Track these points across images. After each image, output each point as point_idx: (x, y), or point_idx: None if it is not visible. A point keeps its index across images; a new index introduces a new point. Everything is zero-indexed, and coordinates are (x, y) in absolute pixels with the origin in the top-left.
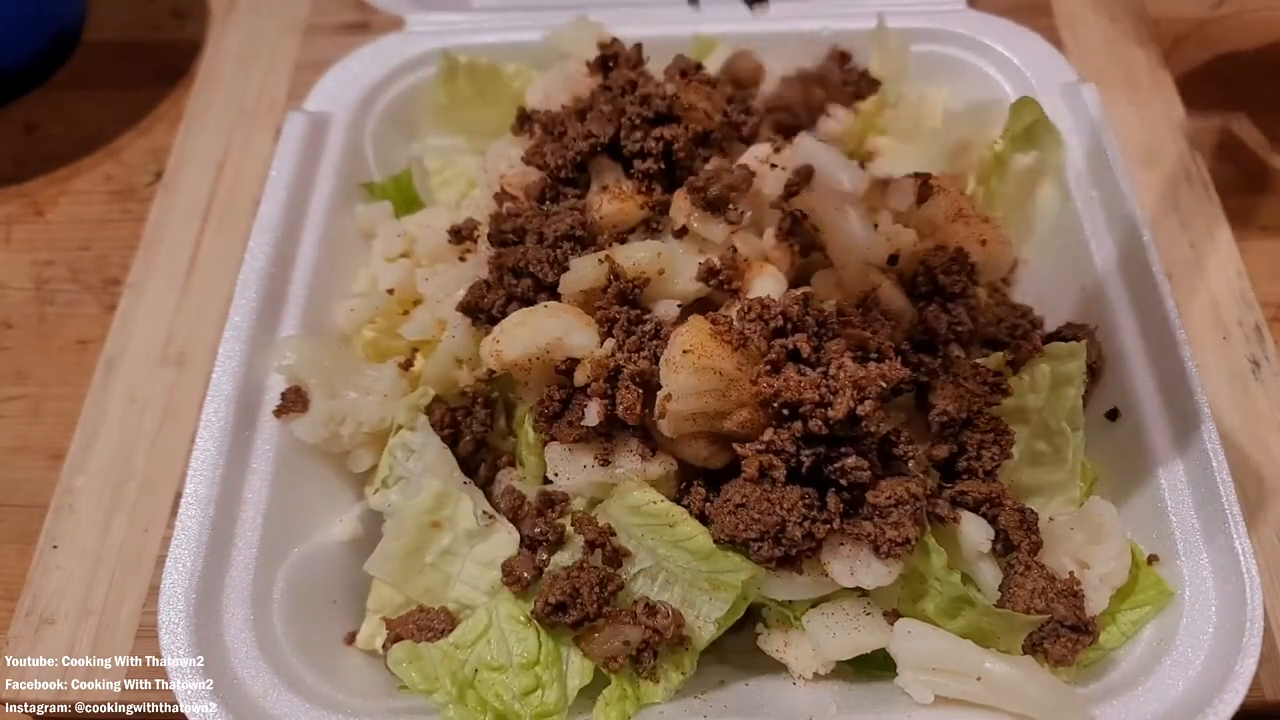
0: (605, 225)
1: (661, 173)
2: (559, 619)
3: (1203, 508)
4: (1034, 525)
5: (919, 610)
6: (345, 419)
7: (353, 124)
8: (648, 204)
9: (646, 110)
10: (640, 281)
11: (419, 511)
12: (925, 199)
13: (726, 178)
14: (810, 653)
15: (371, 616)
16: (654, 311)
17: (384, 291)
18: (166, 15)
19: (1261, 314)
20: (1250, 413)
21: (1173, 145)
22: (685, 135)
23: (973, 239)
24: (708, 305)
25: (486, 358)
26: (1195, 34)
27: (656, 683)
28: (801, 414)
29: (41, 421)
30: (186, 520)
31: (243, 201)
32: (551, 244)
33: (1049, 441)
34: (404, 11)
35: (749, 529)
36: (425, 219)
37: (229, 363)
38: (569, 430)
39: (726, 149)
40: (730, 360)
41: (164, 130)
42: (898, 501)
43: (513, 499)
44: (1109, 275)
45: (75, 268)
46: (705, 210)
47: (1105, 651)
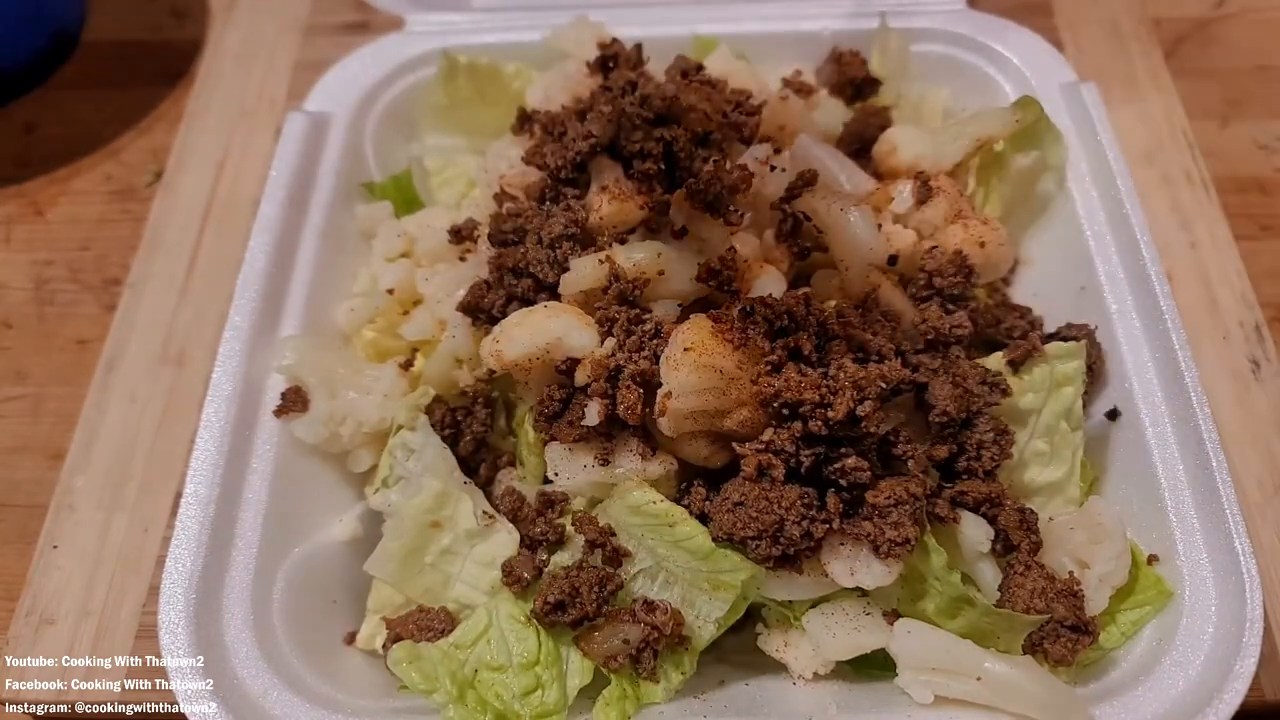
0: (605, 225)
1: (661, 173)
2: (558, 618)
3: (1203, 508)
4: (1034, 525)
5: (919, 610)
6: (345, 419)
7: (353, 124)
8: (647, 204)
9: (646, 111)
10: (640, 282)
11: (419, 511)
12: (925, 201)
13: (726, 179)
14: (810, 653)
15: (371, 616)
16: (654, 311)
17: (384, 291)
18: (166, 15)
19: (1261, 314)
20: (1250, 413)
21: (1173, 145)
22: (685, 136)
23: (971, 241)
24: (708, 305)
25: (486, 358)
26: (1195, 34)
27: (656, 683)
28: (801, 414)
29: (41, 421)
30: (186, 520)
31: (243, 201)
32: (551, 244)
33: (1049, 441)
34: (404, 11)
35: (747, 527)
36: (425, 219)
37: (229, 363)
38: (569, 430)
39: (726, 149)
40: (731, 358)
41: (164, 130)
42: (897, 501)
43: (513, 499)
44: (1108, 275)
45: (75, 268)
46: (705, 211)
47: (1105, 651)
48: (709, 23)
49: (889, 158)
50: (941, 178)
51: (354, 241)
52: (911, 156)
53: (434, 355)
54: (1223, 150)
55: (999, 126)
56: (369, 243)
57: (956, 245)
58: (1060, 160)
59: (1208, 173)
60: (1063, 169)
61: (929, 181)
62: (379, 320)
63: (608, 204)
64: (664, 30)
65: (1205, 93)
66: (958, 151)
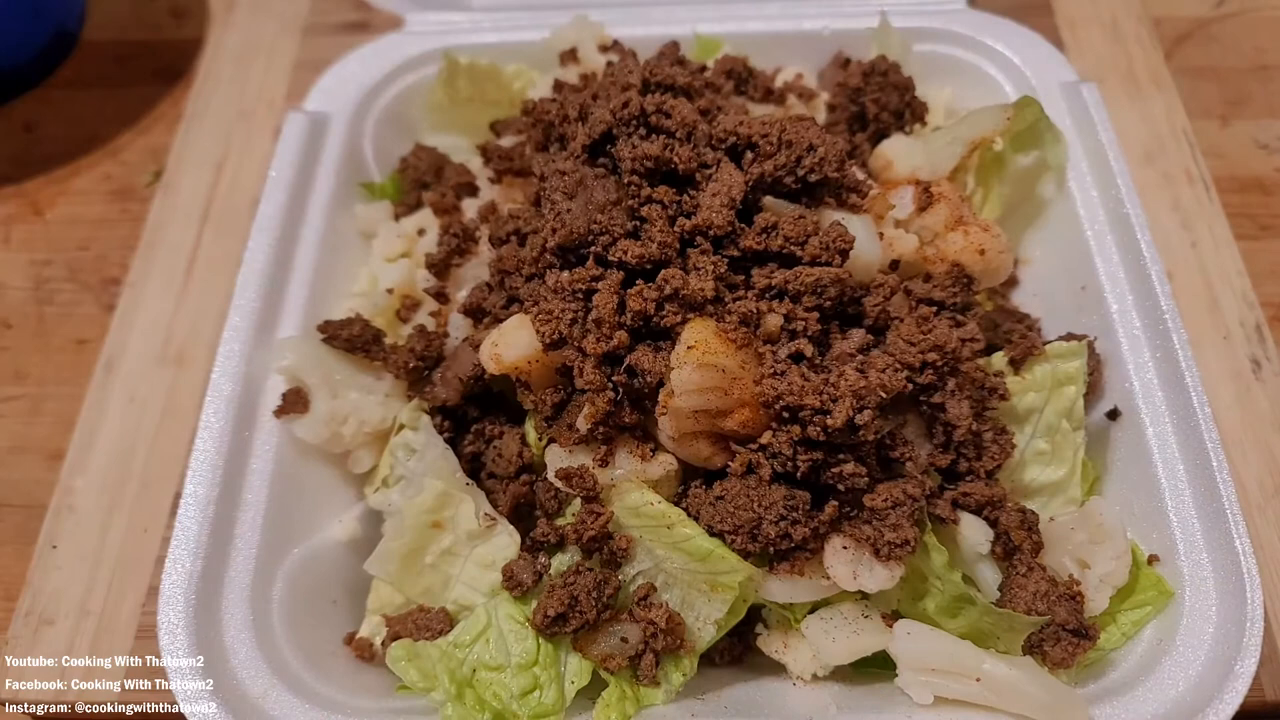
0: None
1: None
2: (558, 629)
3: (1203, 508)
4: (1035, 526)
5: (919, 609)
6: (348, 418)
7: (352, 124)
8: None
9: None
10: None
11: (420, 511)
12: (926, 208)
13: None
14: (810, 654)
15: (371, 616)
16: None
17: (384, 291)
18: (166, 15)
19: (1262, 314)
20: (1250, 413)
21: (1173, 145)
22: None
23: (972, 248)
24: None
25: (485, 360)
26: (1195, 34)
27: (657, 685)
28: (801, 418)
29: (41, 421)
30: (186, 521)
31: (242, 201)
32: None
33: (1050, 441)
34: (404, 11)
35: (724, 521)
36: (425, 219)
37: (228, 363)
38: (568, 432)
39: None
40: (734, 358)
41: (164, 130)
42: (895, 504)
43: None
44: (1109, 275)
45: (74, 267)
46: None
47: (1105, 652)
48: (709, 22)
49: (885, 172)
50: (942, 183)
51: (354, 241)
52: (908, 169)
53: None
54: (1223, 150)
55: (991, 125)
56: (369, 243)
57: (956, 252)
58: (1061, 160)
59: (1208, 172)
60: (1063, 169)
61: (929, 188)
62: (379, 320)
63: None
64: (664, 30)
65: (1205, 92)
66: (953, 156)
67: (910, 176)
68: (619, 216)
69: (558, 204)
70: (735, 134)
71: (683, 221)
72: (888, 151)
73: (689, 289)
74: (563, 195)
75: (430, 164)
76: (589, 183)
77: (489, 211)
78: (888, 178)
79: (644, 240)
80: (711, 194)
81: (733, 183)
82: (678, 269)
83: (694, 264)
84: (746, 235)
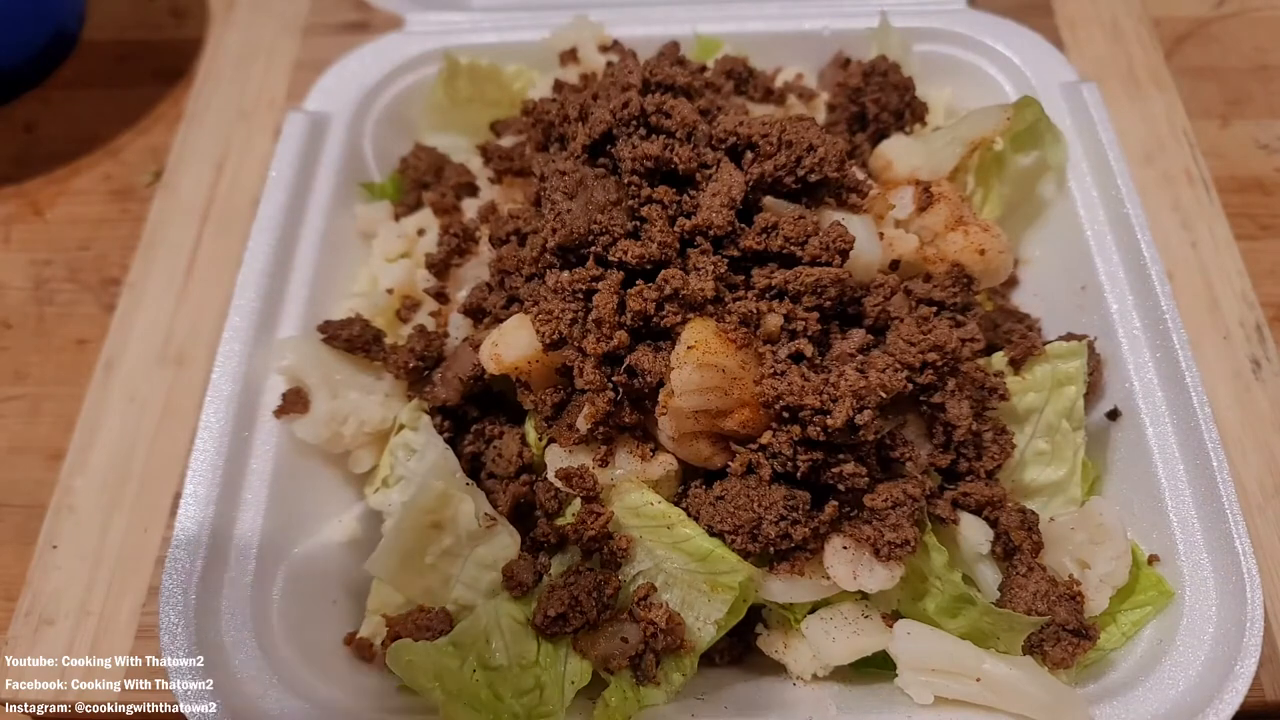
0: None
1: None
2: (559, 629)
3: (1203, 508)
4: (1035, 526)
5: (919, 609)
6: (348, 418)
7: (352, 124)
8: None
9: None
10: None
11: (419, 512)
12: (926, 208)
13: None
14: (810, 654)
15: (371, 616)
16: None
17: (384, 291)
18: (166, 15)
19: (1262, 314)
20: (1250, 413)
21: (1173, 145)
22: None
23: (972, 248)
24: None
25: (485, 361)
26: (1195, 34)
27: (657, 685)
28: (801, 418)
29: (40, 421)
30: (186, 520)
31: (242, 201)
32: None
33: (1050, 441)
34: (404, 11)
35: (724, 521)
36: (425, 219)
37: (228, 363)
38: (568, 432)
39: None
40: (734, 358)
41: (164, 130)
42: (895, 504)
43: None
44: (1109, 275)
45: (74, 267)
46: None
47: (1105, 652)
48: (709, 22)
49: (885, 172)
50: (942, 183)
51: (354, 241)
52: (908, 170)
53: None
54: (1223, 150)
55: (991, 125)
56: (369, 243)
57: (956, 252)
58: (1061, 160)
59: (1208, 172)
60: (1063, 169)
61: (930, 188)
62: (379, 320)
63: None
64: (664, 30)
65: (1205, 92)
66: (953, 157)
67: (910, 176)
68: (619, 216)
69: (558, 204)
70: (735, 134)
71: (683, 221)
72: (888, 151)
73: (689, 289)
74: (563, 195)
75: (430, 164)
76: (589, 183)
77: (489, 211)
78: (888, 178)
79: (644, 240)
80: (711, 194)
81: (733, 183)
82: (678, 269)
83: (694, 264)
84: (746, 235)
